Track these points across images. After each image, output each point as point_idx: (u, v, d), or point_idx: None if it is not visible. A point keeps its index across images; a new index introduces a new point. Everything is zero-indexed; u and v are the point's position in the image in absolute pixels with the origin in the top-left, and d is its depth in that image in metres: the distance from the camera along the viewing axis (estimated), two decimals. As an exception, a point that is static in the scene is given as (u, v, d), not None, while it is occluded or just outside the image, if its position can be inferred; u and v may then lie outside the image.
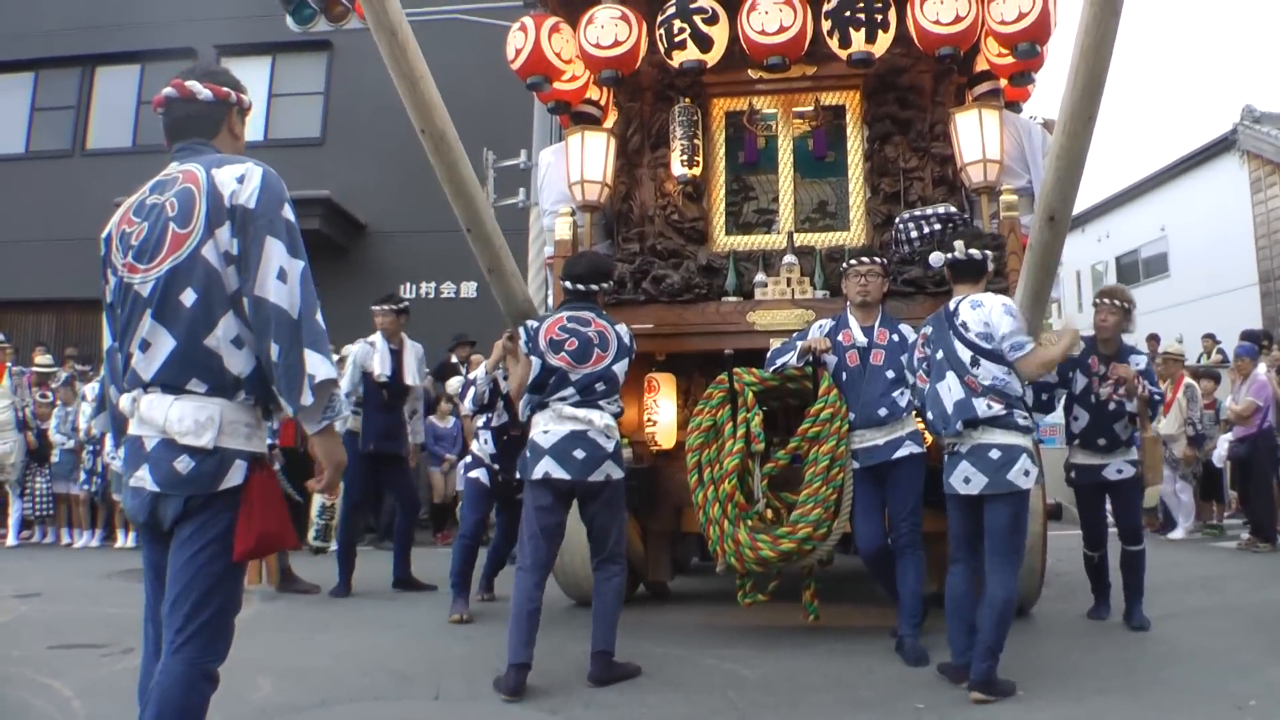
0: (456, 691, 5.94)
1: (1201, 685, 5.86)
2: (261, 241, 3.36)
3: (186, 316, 3.35)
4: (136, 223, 3.50)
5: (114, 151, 21.33)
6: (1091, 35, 4.69)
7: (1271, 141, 23.55)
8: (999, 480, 5.75)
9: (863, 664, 6.44)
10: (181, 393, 3.35)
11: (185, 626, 3.29)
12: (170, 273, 3.36)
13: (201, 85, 3.66)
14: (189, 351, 3.35)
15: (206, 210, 3.37)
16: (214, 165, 3.47)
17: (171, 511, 3.33)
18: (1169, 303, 26.03)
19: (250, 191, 3.40)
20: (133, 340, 3.42)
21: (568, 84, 8.72)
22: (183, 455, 3.30)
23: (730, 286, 7.78)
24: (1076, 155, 5.19)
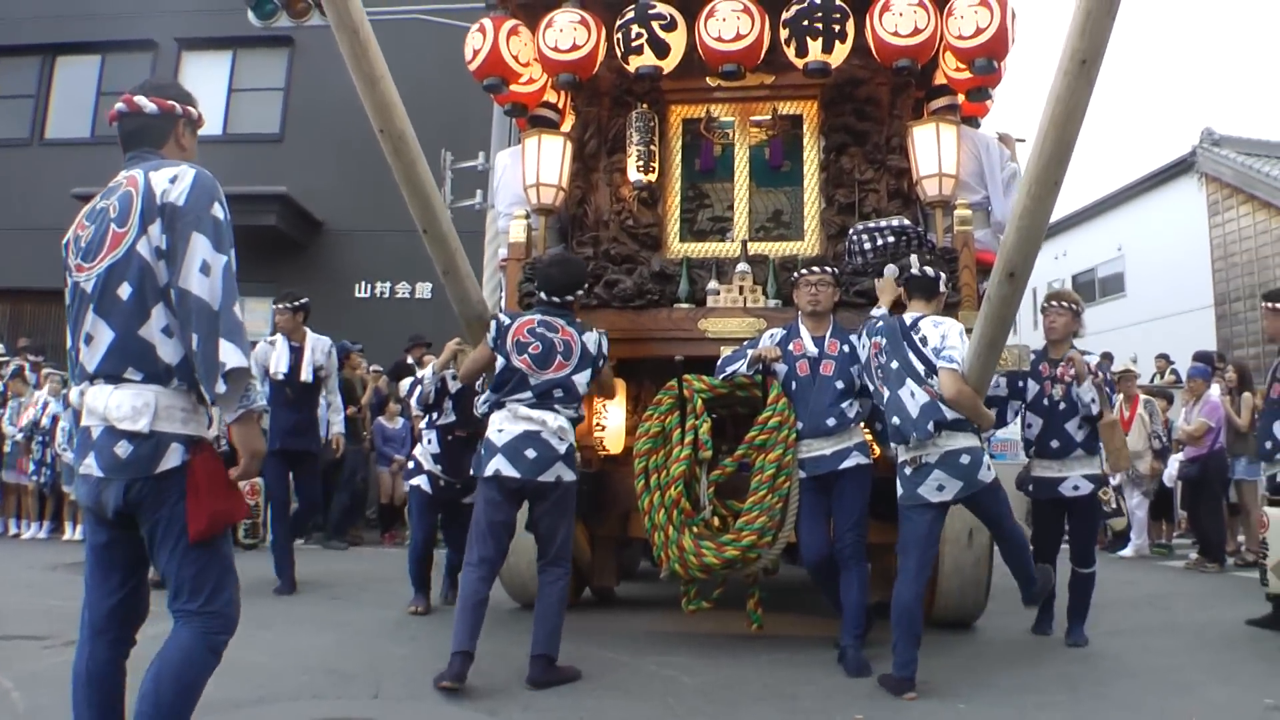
0: (395, 691, 5.90)
1: (1144, 702, 5.88)
2: (188, 236, 3.51)
3: (123, 309, 3.53)
4: (87, 227, 3.70)
5: (73, 142, 21.28)
6: (1064, 104, 4.69)
7: (1230, 165, 23.78)
8: (974, 481, 5.97)
9: (804, 674, 6.43)
10: (120, 381, 3.51)
11: (190, 602, 3.54)
12: (109, 269, 3.56)
13: (148, 99, 3.85)
14: (125, 343, 3.52)
15: (141, 209, 3.55)
16: (152, 169, 3.64)
17: (113, 496, 3.47)
18: (1125, 322, 26.23)
19: (181, 190, 3.56)
20: (79, 334, 3.62)
21: (525, 87, 8.69)
22: (122, 440, 3.47)
23: (683, 293, 7.76)
24: (1040, 217, 5.20)
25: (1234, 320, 23.59)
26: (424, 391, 8.09)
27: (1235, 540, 13.09)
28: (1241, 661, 6.97)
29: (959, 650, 7.00)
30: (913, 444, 6.01)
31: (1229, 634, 7.89)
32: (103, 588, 3.67)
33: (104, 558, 3.66)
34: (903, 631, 5.90)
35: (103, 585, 3.67)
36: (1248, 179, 23.25)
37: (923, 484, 5.97)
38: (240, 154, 20.21)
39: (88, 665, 3.65)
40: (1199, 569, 12.13)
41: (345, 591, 9.46)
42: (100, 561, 3.67)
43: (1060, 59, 4.61)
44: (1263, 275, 22.73)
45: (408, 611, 8.22)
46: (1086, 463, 7.44)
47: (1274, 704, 5.73)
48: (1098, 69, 4.57)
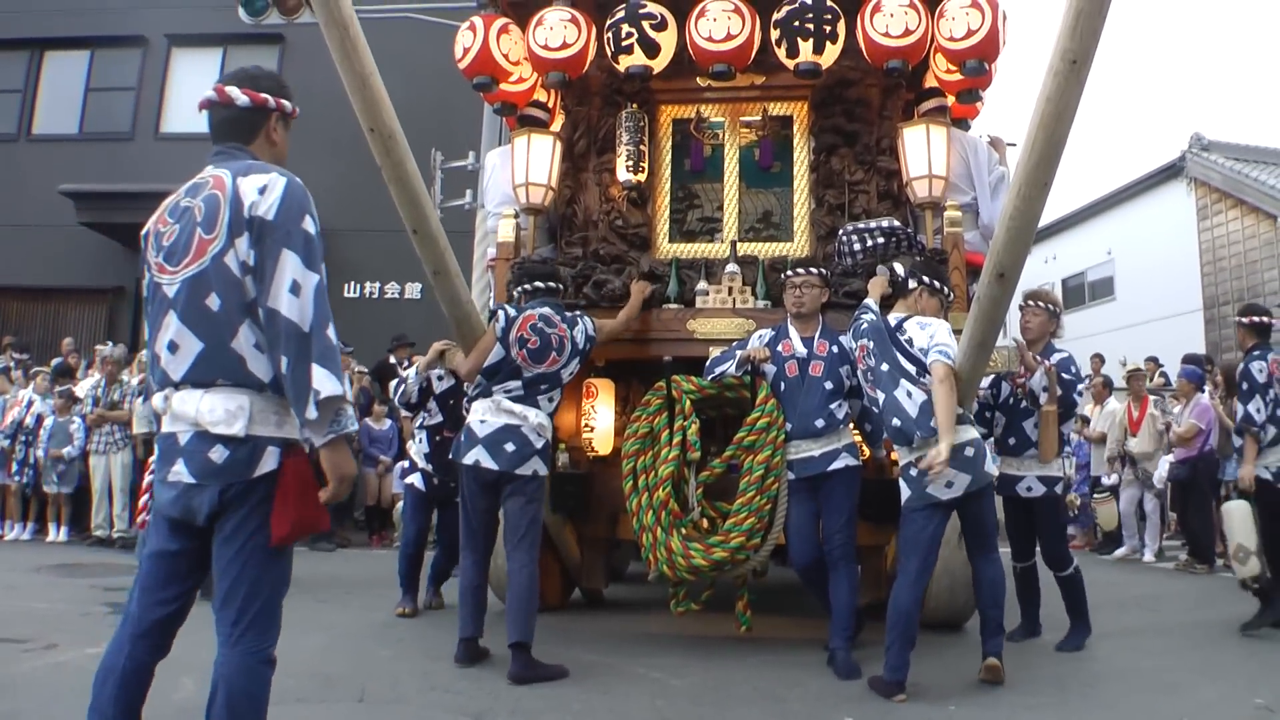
0: (381, 694, 5.86)
1: (1134, 703, 5.88)
2: (277, 254, 3.37)
3: (211, 320, 3.40)
4: (169, 223, 3.58)
5: (60, 138, 21.20)
6: (1054, 104, 4.66)
7: (1219, 169, 23.82)
8: (981, 475, 5.98)
9: (793, 676, 6.40)
10: (211, 387, 3.40)
11: (240, 619, 3.37)
12: (195, 278, 3.42)
13: (240, 91, 3.70)
14: (215, 353, 3.40)
15: (229, 219, 3.41)
16: (240, 173, 3.50)
17: (207, 502, 3.36)
18: (1114, 326, 26.24)
19: (270, 203, 3.42)
20: (160, 340, 3.49)
21: (515, 85, 8.68)
22: (217, 445, 3.35)
23: (672, 294, 7.75)
24: (1030, 218, 5.17)
25: (1223, 324, 23.58)
26: (406, 390, 8.08)
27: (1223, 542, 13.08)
28: (1231, 661, 6.98)
29: (949, 652, 6.98)
30: (916, 444, 5.98)
31: (1218, 634, 7.90)
32: (158, 596, 3.55)
33: (169, 567, 3.54)
34: (898, 635, 5.87)
35: (159, 594, 3.55)
36: (1236, 184, 23.28)
37: (932, 483, 5.94)
38: (230, 152, 20.12)
39: (125, 664, 3.53)
40: (1188, 570, 12.13)
41: (331, 594, 9.41)
42: (163, 570, 3.54)
43: (1050, 59, 4.58)
44: (1251, 279, 22.76)
45: (395, 613, 8.19)
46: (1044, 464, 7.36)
47: (1264, 704, 5.74)
48: (1088, 69, 4.55)
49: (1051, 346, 7.50)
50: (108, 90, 21.46)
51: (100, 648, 6.61)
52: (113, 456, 13.00)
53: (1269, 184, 22.49)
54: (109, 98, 21.40)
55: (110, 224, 19.30)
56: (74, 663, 6.32)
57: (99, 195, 18.96)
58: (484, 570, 6.67)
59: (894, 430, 6.16)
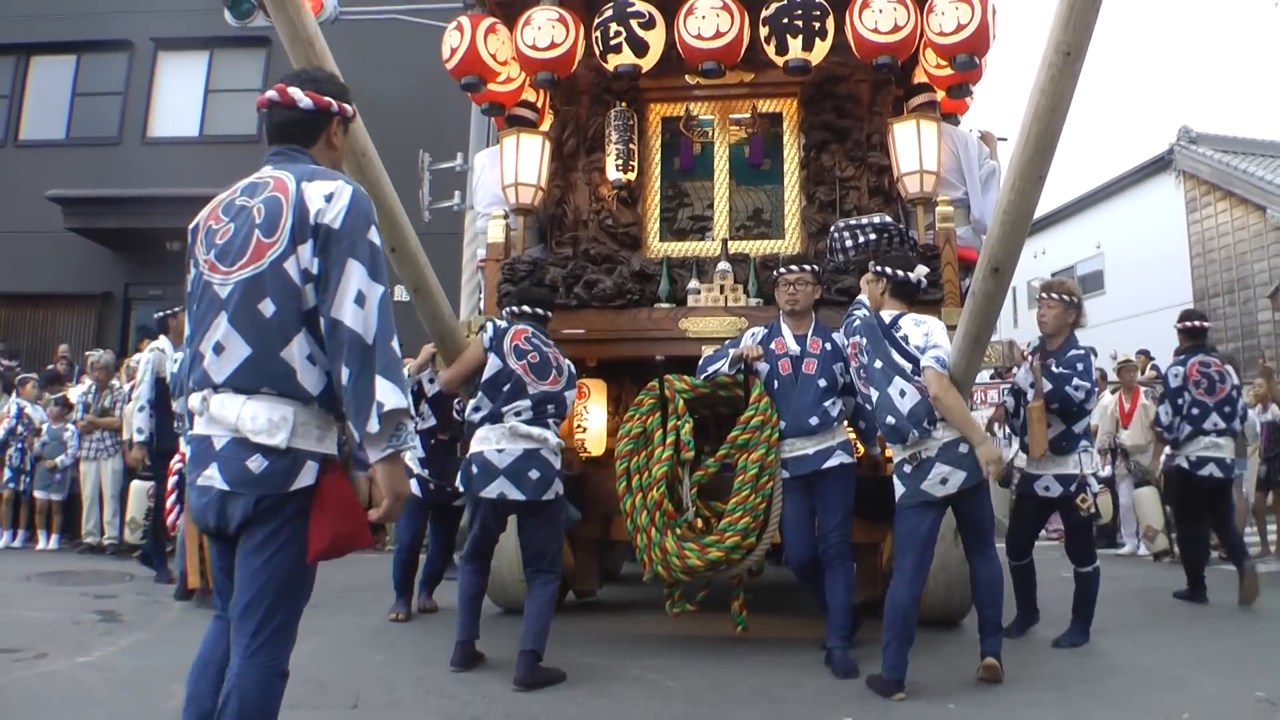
0: (375, 700, 5.83)
1: (1134, 698, 5.86)
2: (343, 263, 3.32)
3: (263, 326, 3.33)
4: (224, 221, 3.50)
5: (47, 143, 21.15)
6: (1048, 97, 4.63)
7: (1207, 162, 23.84)
8: (976, 471, 5.92)
9: (790, 676, 6.37)
10: (255, 394, 3.33)
11: (259, 632, 3.30)
12: (250, 280, 3.35)
13: (302, 93, 3.66)
14: (263, 360, 3.33)
15: (292, 224, 3.35)
16: (305, 178, 3.45)
17: (240, 511, 3.30)
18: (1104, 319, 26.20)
19: (338, 211, 3.36)
20: (205, 339, 3.40)
21: (503, 86, 8.65)
22: (255, 454, 3.29)
23: (663, 293, 7.73)
24: (1024, 212, 5.14)
25: (1213, 316, 23.42)
26: None
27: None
28: (1230, 655, 6.97)
29: (946, 649, 6.96)
30: (910, 441, 5.96)
31: (1217, 628, 7.91)
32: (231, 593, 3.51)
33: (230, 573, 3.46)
34: (896, 633, 5.84)
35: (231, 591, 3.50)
36: (1225, 176, 23.29)
37: (926, 479, 5.91)
38: (217, 155, 20.04)
39: (222, 657, 3.49)
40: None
41: (323, 598, 9.27)
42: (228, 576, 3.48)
43: (1044, 51, 4.56)
44: (1241, 271, 22.78)
45: (388, 618, 8.14)
46: (1057, 462, 7.29)
47: (1265, 697, 5.73)
48: (1082, 61, 4.53)
49: (1073, 340, 7.42)
50: (94, 95, 21.41)
51: (92, 656, 6.67)
52: (103, 463, 12.92)
53: (1258, 176, 22.51)
54: (96, 102, 21.35)
55: (98, 229, 19.30)
56: (65, 672, 6.30)
57: (87, 200, 18.95)
58: (486, 578, 6.72)
59: (888, 428, 6.12)
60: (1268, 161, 23.74)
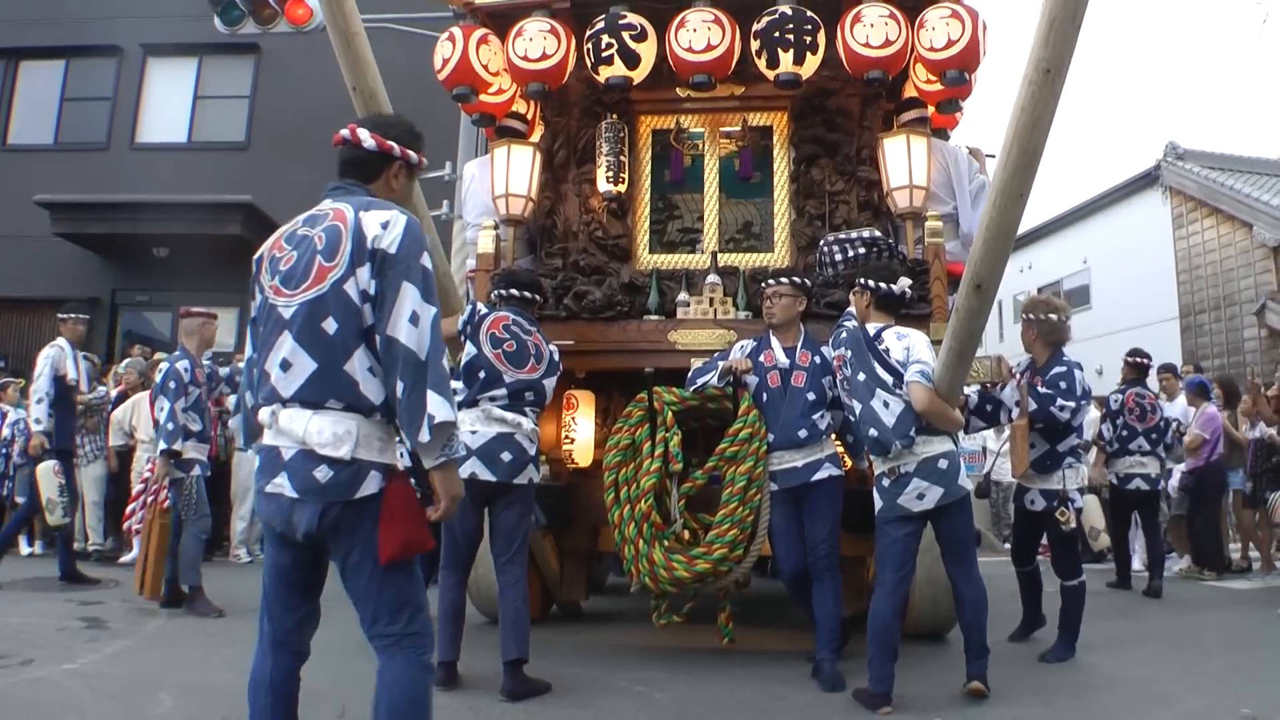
0: (362, 710, 5.73)
1: (1121, 714, 5.88)
2: (398, 285, 3.53)
3: (327, 343, 3.55)
4: (286, 250, 3.71)
5: (35, 148, 21.06)
6: (1029, 113, 4.64)
7: (1194, 178, 23.92)
8: (955, 489, 5.95)
9: (777, 689, 6.37)
10: (320, 408, 3.54)
11: (391, 632, 3.57)
12: (313, 302, 3.57)
13: (370, 135, 3.87)
14: (328, 374, 3.55)
15: (351, 249, 3.57)
16: (362, 208, 3.67)
17: (306, 518, 3.51)
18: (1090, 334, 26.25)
19: (394, 237, 3.57)
20: (271, 357, 3.62)
21: (494, 96, 8.64)
22: (321, 465, 3.50)
23: (652, 305, 7.73)
24: (1007, 229, 5.15)
25: (1199, 332, 23.69)
26: None
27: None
28: (1217, 671, 6.97)
29: (933, 663, 6.96)
30: (892, 454, 5.97)
31: (1204, 644, 7.90)
32: (286, 604, 3.75)
33: (288, 578, 3.73)
34: (879, 646, 5.85)
35: (286, 602, 3.75)
36: (1212, 192, 23.37)
37: (902, 494, 5.93)
38: (205, 162, 20.08)
39: (272, 676, 3.73)
40: (1193, 577, 12.22)
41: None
42: (284, 581, 3.73)
43: (1025, 68, 4.58)
44: (1227, 288, 22.85)
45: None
46: (1043, 479, 7.37)
47: (1251, 714, 5.73)
48: (1063, 78, 4.54)
49: (1059, 355, 7.44)
50: (83, 100, 21.36)
51: (78, 663, 6.66)
52: (84, 469, 12.85)
53: (1244, 192, 22.59)
54: (84, 108, 21.29)
55: (86, 234, 19.23)
56: (51, 679, 6.28)
57: (74, 205, 18.87)
58: (465, 591, 6.56)
59: (871, 440, 6.14)
60: (1254, 178, 23.83)
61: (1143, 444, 10.92)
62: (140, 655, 7.07)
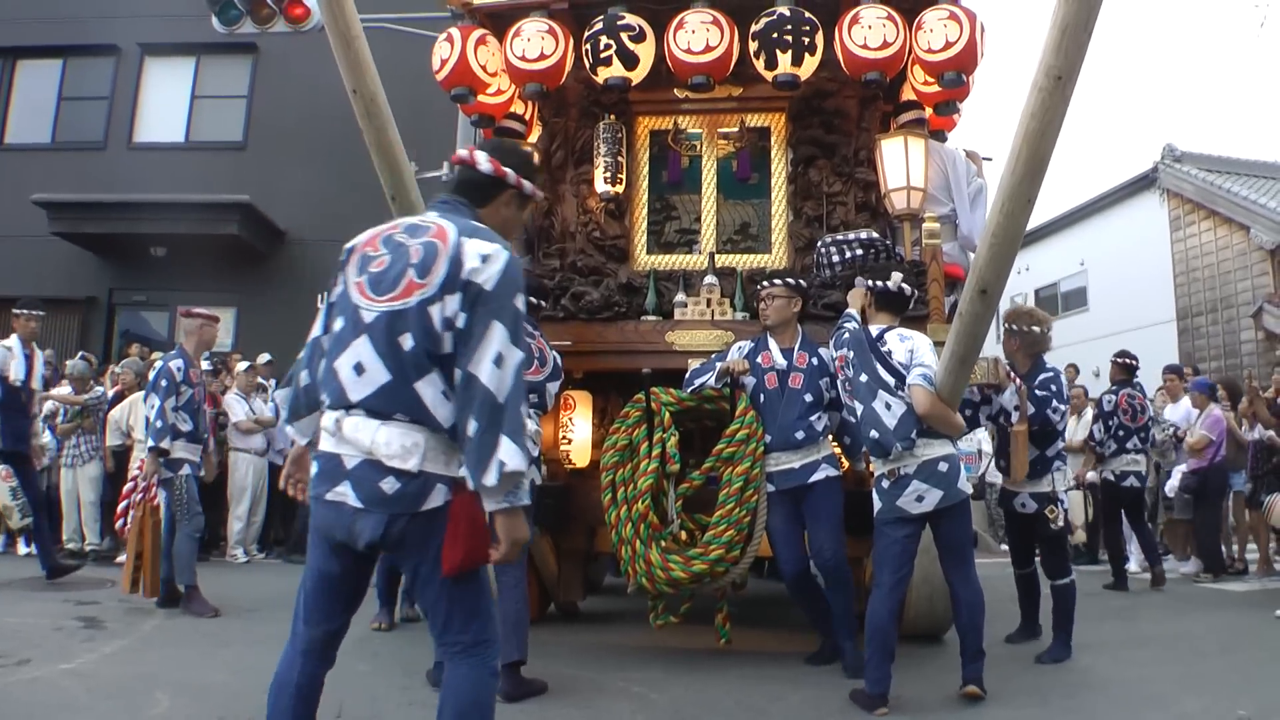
0: (358, 710, 5.80)
1: (1116, 716, 5.87)
2: (488, 323, 3.46)
3: (402, 358, 3.49)
4: (380, 251, 3.68)
5: (33, 147, 20.99)
6: (1038, 121, 4.63)
7: (1192, 180, 23.95)
8: (954, 492, 5.95)
9: (774, 689, 6.36)
10: (388, 419, 3.48)
11: (462, 639, 3.56)
12: (396, 313, 3.52)
13: (487, 159, 3.91)
14: (400, 389, 3.49)
15: (445, 274, 3.51)
16: (467, 233, 3.61)
17: (369, 529, 3.46)
18: (1087, 336, 26.29)
19: (491, 274, 3.50)
20: (344, 357, 3.57)
21: (492, 97, 8.64)
22: (388, 476, 3.45)
23: (650, 306, 7.74)
24: (1013, 234, 5.14)
25: (1196, 335, 23.72)
26: None
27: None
28: (1212, 673, 6.96)
29: (929, 664, 6.96)
30: (892, 456, 5.97)
31: (1198, 645, 7.90)
32: (325, 612, 3.70)
33: (333, 587, 3.69)
34: (876, 647, 5.85)
35: (326, 610, 3.70)
36: (1209, 195, 23.41)
37: (901, 496, 5.94)
38: (203, 162, 20.04)
39: (299, 679, 3.68)
40: (1196, 580, 12.20)
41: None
42: (328, 590, 3.69)
43: (1035, 75, 4.56)
44: (1224, 290, 22.89)
45: (370, 627, 8.11)
46: (1035, 483, 7.41)
47: (1246, 715, 5.72)
48: (1073, 85, 4.52)
49: (1041, 364, 7.46)
50: (80, 100, 21.31)
51: (75, 663, 6.66)
52: (80, 469, 12.86)
53: (1241, 195, 22.63)
54: (82, 107, 21.23)
55: (83, 234, 19.19)
56: (47, 679, 6.27)
57: (72, 205, 18.83)
58: None
59: (871, 442, 6.14)
60: (1252, 181, 23.88)
61: (1136, 443, 11.47)
62: (137, 655, 7.06)
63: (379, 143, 5.49)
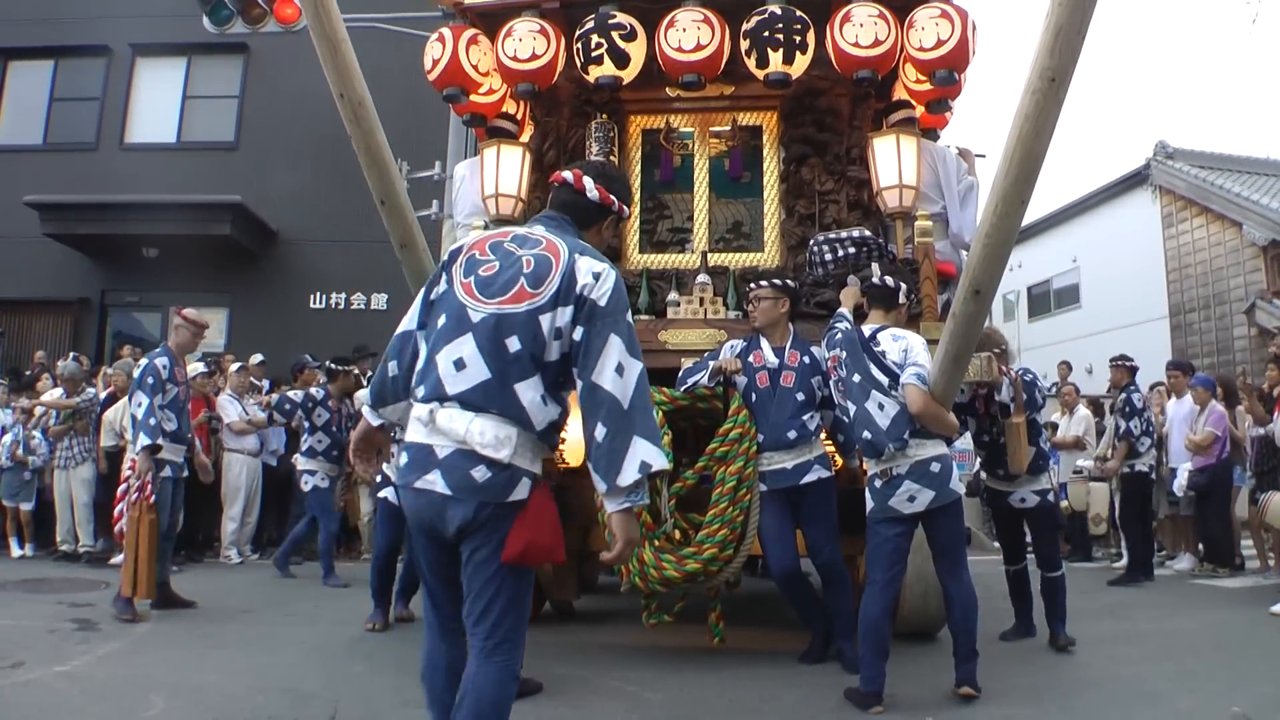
0: (354, 710, 5.80)
1: (1111, 712, 5.87)
2: (606, 336, 3.65)
3: (505, 359, 3.65)
4: (490, 257, 3.85)
5: (25, 148, 20.94)
6: (1032, 122, 4.63)
7: (1184, 177, 23.98)
8: (946, 492, 5.95)
9: (768, 689, 6.37)
10: (482, 413, 3.63)
11: (494, 634, 3.66)
12: (505, 316, 3.69)
13: (594, 185, 4.10)
14: (499, 388, 3.64)
15: (559, 287, 3.70)
16: (578, 251, 3.82)
17: (459, 515, 3.61)
18: (1080, 333, 26.38)
19: (605, 291, 3.72)
20: (446, 352, 3.72)
21: (484, 97, 8.65)
22: (480, 465, 3.60)
23: (643, 305, 7.74)
24: (1006, 235, 5.14)
25: (1189, 331, 23.75)
26: None
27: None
28: (1207, 670, 6.96)
29: (923, 662, 6.95)
30: (885, 456, 5.98)
31: (1193, 643, 7.90)
32: (448, 594, 3.88)
33: (446, 572, 3.85)
34: (870, 646, 5.86)
35: (448, 593, 3.87)
36: (1201, 191, 23.45)
37: (894, 496, 5.95)
38: (194, 162, 20.03)
39: (449, 658, 3.89)
40: (1208, 575, 12.26)
41: (300, 609, 9.34)
42: (443, 574, 3.86)
43: (1029, 77, 4.56)
44: (1217, 286, 22.93)
45: (365, 628, 8.12)
46: (1034, 480, 7.51)
47: (1241, 712, 5.72)
48: (1067, 87, 4.53)
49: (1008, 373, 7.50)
50: (72, 100, 21.28)
51: (69, 665, 6.66)
52: (73, 471, 12.84)
53: (1234, 191, 22.66)
54: (73, 108, 21.20)
55: (75, 235, 19.18)
56: (42, 681, 6.26)
57: (64, 206, 18.82)
58: None
59: (864, 442, 6.14)
60: (1244, 177, 23.91)
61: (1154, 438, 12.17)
62: (131, 657, 7.05)
63: (367, 146, 5.47)
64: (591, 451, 3.62)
